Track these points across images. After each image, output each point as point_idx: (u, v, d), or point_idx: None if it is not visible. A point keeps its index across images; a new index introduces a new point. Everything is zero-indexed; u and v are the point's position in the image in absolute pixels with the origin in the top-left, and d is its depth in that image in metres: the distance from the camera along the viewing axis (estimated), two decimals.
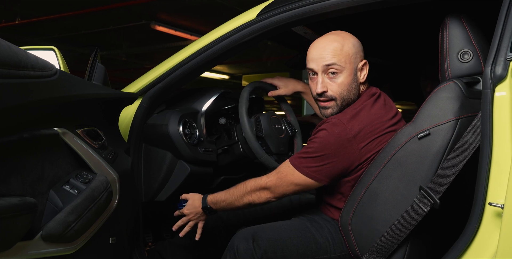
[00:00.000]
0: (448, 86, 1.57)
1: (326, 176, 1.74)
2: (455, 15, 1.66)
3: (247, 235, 1.71)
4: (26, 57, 1.27)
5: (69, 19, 7.65)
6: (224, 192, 1.91)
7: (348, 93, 1.81)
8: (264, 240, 1.70)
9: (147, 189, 2.20)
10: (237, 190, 1.87)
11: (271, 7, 1.94)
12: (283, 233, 1.75)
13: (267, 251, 1.68)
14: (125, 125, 2.16)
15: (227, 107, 2.51)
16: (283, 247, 1.71)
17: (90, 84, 1.82)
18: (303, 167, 1.74)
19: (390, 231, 1.57)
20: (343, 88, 1.80)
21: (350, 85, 1.81)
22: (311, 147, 1.75)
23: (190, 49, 2.11)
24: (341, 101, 1.82)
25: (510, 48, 1.42)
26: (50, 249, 1.39)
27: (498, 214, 1.37)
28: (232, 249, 1.71)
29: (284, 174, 1.78)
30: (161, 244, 2.32)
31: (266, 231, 1.75)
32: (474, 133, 1.46)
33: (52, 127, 1.50)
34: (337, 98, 1.82)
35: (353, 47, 1.80)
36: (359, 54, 1.82)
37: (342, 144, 1.71)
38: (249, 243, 1.69)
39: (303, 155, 1.76)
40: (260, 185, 1.81)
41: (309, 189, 1.80)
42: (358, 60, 1.82)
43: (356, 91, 1.83)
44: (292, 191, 1.79)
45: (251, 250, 1.67)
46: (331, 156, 1.71)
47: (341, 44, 1.79)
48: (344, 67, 1.78)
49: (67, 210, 1.42)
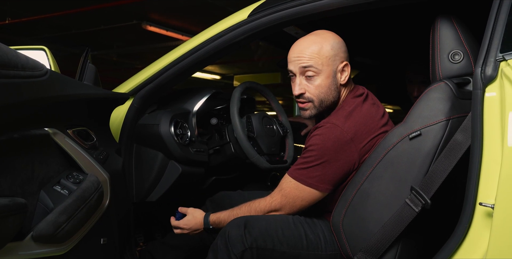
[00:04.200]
0: (439, 87, 1.57)
1: (330, 183, 1.73)
2: (445, 16, 1.66)
3: (240, 223, 1.71)
4: (17, 57, 1.26)
5: (59, 18, 7.61)
6: (227, 212, 1.88)
7: (326, 96, 1.81)
8: (255, 229, 1.70)
9: (138, 189, 2.20)
10: (241, 211, 1.85)
11: (263, 7, 1.94)
12: (275, 224, 1.75)
13: (257, 239, 1.68)
14: (116, 125, 2.16)
15: (219, 107, 2.51)
16: (273, 237, 1.71)
17: (81, 85, 1.81)
18: (306, 179, 1.73)
19: (381, 231, 1.57)
20: (321, 91, 1.80)
21: (328, 88, 1.80)
22: (309, 155, 1.73)
23: (181, 49, 2.10)
24: (319, 103, 1.82)
25: (500, 49, 1.42)
26: (41, 250, 1.39)
27: (489, 214, 1.37)
28: (223, 234, 1.70)
29: (288, 191, 1.77)
30: (152, 244, 2.32)
31: (259, 221, 1.74)
32: (465, 133, 1.47)
33: (42, 128, 1.49)
34: (315, 100, 1.82)
35: (332, 49, 1.78)
36: (339, 56, 1.81)
37: (341, 147, 1.70)
38: (240, 229, 1.68)
39: (303, 166, 1.74)
40: (266, 208, 1.81)
41: (315, 202, 1.78)
42: (337, 62, 1.80)
43: (335, 93, 1.82)
44: (299, 206, 1.78)
45: (242, 237, 1.67)
46: (332, 161, 1.70)
47: (319, 47, 1.78)
48: (321, 69, 1.78)
49: (57, 211, 1.41)
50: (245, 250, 1.66)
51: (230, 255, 1.66)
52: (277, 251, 1.71)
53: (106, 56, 10.44)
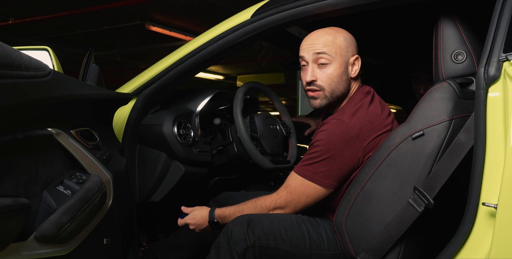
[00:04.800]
0: (442, 87, 1.57)
1: (335, 179, 1.74)
2: (448, 16, 1.66)
3: (243, 221, 1.71)
4: (20, 57, 1.26)
5: (63, 19, 7.62)
6: (232, 208, 1.88)
7: (337, 85, 1.82)
8: (258, 227, 1.70)
9: (142, 189, 2.20)
10: (247, 207, 1.85)
11: (266, 7, 1.94)
12: (278, 223, 1.75)
13: (260, 238, 1.68)
14: (119, 125, 2.16)
15: (222, 107, 2.51)
16: (276, 236, 1.71)
17: (84, 85, 1.81)
18: (312, 174, 1.73)
19: (384, 231, 1.57)
20: (332, 80, 1.81)
21: (340, 77, 1.81)
22: (315, 151, 1.74)
23: (184, 49, 2.11)
24: (330, 93, 1.83)
25: (503, 49, 1.42)
26: (44, 250, 1.39)
27: (492, 214, 1.37)
28: (226, 232, 1.70)
29: (294, 187, 1.77)
30: (155, 245, 2.32)
31: (262, 219, 1.74)
32: (468, 133, 1.47)
33: (45, 128, 1.49)
34: (326, 88, 1.82)
35: (345, 41, 1.82)
36: (351, 48, 1.84)
37: (347, 143, 1.70)
38: (243, 227, 1.68)
39: (308, 162, 1.75)
40: (272, 205, 1.81)
41: (319, 199, 1.78)
42: (349, 54, 1.83)
43: (346, 85, 1.83)
44: (303, 203, 1.78)
45: (245, 235, 1.67)
46: (337, 157, 1.71)
47: (333, 37, 1.81)
48: (334, 58, 1.80)
49: (60, 211, 1.41)
50: (248, 248, 1.66)
51: (232, 253, 1.66)
52: (279, 250, 1.71)
53: (109, 56, 10.44)
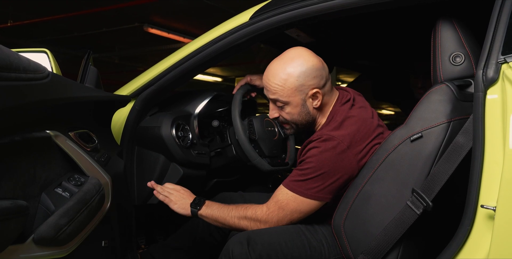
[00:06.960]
0: (440, 89, 1.57)
1: (330, 192, 1.73)
2: (447, 18, 1.66)
3: (242, 239, 1.71)
4: (18, 59, 1.26)
5: (61, 21, 7.64)
6: (219, 211, 1.86)
7: (300, 119, 1.85)
8: (258, 244, 1.70)
9: (140, 191, 2.20)
10: (234, 213, 1.83)
11: (264, 9, 1.94)
12: (278, 237, 1.74)
13: (262, 255, 1.68)
14: (117, 128, 2.16)
15: (220, 109, 2.51)
16: (278, 251, 1.71)
17: (83, 87, 1.81)
18: (305, 190, 1.72)
19: (383, 234, 1.57)
20: (293, 117, 1.85)
21: (299, 115, 1.84)
22: (307, 167, 1.72)
23: (183, 51, 2.11)
24: (296, 125, 1.88)
25: (501, 51, 1.42)
26: (42, 253, 1.38)
27: (490, 216, 1.37)
28: (227, 253, 1.70)
29: (285, 203, 1.76)
30: (154, 247, 2.31)
31: (261, 235, 1.74)
32: (466, 136, 1.47)
33: (44, 130, 1.49)
34: (290, 122, 1.88)
35: (297, 80, 1.75)
36: (307, 85, 1.77)
37: (339, 157, 1.70)
38: (244, 247, 1.68)
39: (301, 178, 1.73)
40: (262, 218, 1.79)
41: (313, 212, 1.77)
42: (305, 91, 1.78)
43: (308, 117, 1.85)
44: (296, 219, 1.78)
45: (246, 255, 1.67)
46: (331, 172, 1.70)
47: (285, 79, 1.76)
48: (288, 100, 1.80)
49: (59, 213, 1.41)
50: None
51: None
52: None
53: (108, 58, 10.46)
